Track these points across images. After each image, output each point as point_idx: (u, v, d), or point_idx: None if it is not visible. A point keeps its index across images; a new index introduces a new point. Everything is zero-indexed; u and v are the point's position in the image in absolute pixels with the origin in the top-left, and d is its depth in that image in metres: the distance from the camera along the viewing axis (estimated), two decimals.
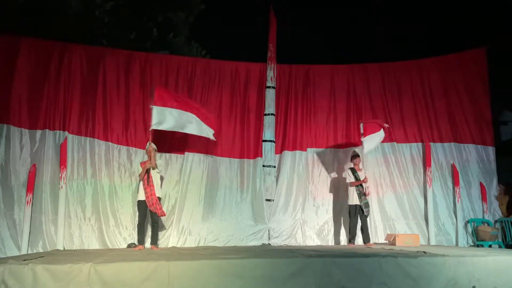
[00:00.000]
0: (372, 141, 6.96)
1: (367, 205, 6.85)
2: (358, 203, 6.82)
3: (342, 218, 7.51)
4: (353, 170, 6.99)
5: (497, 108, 10.65)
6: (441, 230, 7.44)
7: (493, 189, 7.73)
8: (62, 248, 6.31)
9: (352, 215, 6.86)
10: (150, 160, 6.24)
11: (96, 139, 6.96)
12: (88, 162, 6.86)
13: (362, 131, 6.94)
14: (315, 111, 7.92)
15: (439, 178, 7.67)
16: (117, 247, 6.59)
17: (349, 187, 6.98)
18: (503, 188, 7.95)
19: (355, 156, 7.11)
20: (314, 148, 7.80)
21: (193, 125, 6.50)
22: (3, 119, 6.58)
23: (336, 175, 7.73)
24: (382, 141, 7.73)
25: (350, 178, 6.96)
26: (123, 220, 6.81)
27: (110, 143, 7.02)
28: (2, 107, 6.61)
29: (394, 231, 7.32)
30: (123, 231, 6.77)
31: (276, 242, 7.13)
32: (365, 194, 6.86)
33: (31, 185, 6.39)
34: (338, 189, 7.64)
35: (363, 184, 6.89)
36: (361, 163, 7.16)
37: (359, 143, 7.73)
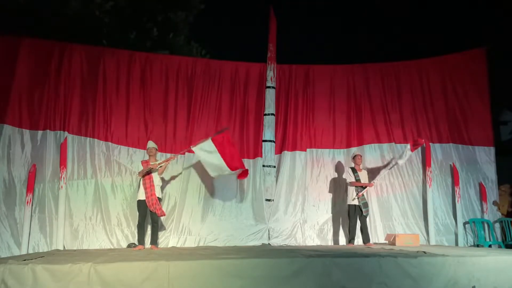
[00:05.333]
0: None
1: (366, 205, 6.85)
2: (357, 203, 6.82)
3: (341, 218, 7.50)
4: (354, 170, 6.99)
5: (497, 108, 10.65)
6: (441, 230, 7.44)
7: (493, 189, 7.71)
8: (62, 248, 6.31)
9: (352, 215, 6.86)
10: (157, 164, 6.26)
11: (96, 139, 6.96)
12: (88, 162, 6.87)
13: (413, 145, 7.19)
14: (315, 111, 7.91)
15: (439, 178, 7.67)
16: (117, 247, 6.59)
17: (349, 187, 6.98)
18: (503, 189, 7.94)
19: (356, 155, 7.10)
20: (314, 148, 7.79)
21: (217, 171, 6.51)
22: (3, 119, 6.59)
23: (336, 175, 7.73)
24: (382, 141, 7.78)
25: (350, 178, 6.97)
26: (123, 220, 6.81)
27: (110, 143, 7.02)
28: (2, 107, 6.62)
29: (394, 231, 7.32)
30: (123, 231, 6.77)
31: (276, 242, 7.13)
32: (363, 194, 6.84)
33: (31, 185, 6.40)
34: (338, 189, 7.64)
35: (363, 180, 6.88)
36: (362, 163, 7.14)
37: (359, 143, 7.75)
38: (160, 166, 6.28)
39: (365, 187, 6.91)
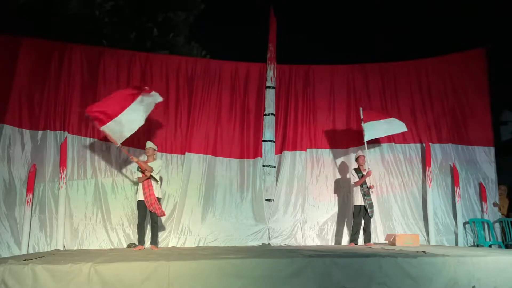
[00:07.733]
0: (376, 129, 7.00)
1: (371, 205, 6.82)
2: (362, 203, 6.80)
3: (342, 218, 7.51)
4: (357, 170, 6.97)
5: (497, 108, 10.65)
6: (441, 230, 7.43)
7: (493, 189, 7.71)
8: (62, 248, 6.31)
9: (356, 216, 6.82)
10: (146, 163, 6.24)
11: (96, 139, 6.97)
12: (88, 162, 6.87)
13: (362, 117, 7.00)
14: (315, 111, 7.92)
15: (439, 178, 7.66)
16: (118, 247, 6.59)
17: (354, 188, 6.96)
18: (503, 188, 7.94)
19: (359, 156, 7.08)
20: (314, 148, 7.79)
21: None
22: (3, 119, 6.59)
23: (336, 175, 7.73)
24: (381, 142, 7.73)
25: (354, 179, 6.94)
26: (123, 220, 6.81)
27: (110, 143, 7.01)
28: (2, 107, 6.62)
29: (394, 231, 7.32)
30: (123, 231, 6.77)
31: (276, 242, 7.13)
32: (369, 194, 6.81)
33: (31, 185, 6.40)
34: (338, 189, 7.65)
35: (367, 178, 6.85)
36: (366, 163, 7.10)
37: (359, 143, 7.75)
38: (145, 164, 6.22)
39: (368, 179, 6.85)
